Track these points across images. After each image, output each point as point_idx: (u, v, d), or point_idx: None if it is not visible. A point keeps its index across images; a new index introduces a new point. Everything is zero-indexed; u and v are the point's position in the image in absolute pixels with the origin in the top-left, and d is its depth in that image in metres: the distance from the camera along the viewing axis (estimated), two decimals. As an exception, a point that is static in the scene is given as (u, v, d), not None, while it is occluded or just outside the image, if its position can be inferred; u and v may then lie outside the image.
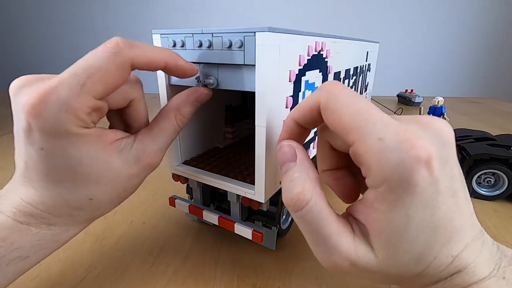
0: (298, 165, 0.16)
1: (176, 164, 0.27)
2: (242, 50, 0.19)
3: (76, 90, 0.15)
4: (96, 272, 0.25)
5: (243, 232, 0.25)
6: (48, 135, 0.16)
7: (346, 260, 0.14)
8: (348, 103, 0.14)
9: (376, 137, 0.13)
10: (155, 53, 0.18)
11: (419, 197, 0.13)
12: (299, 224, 0.16)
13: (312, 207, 0.15)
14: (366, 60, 0.48)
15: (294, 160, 0.16)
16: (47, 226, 0.18)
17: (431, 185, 0.13)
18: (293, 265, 0.25)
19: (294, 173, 0.15)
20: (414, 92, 0.97)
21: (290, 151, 0.16)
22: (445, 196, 0.14)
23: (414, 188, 0.13)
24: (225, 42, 0.19)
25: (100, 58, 0.16)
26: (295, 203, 0.15)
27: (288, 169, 0.16)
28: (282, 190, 0.16)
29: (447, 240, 0.14)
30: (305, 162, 0.16)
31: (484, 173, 0.37)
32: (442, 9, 1.35)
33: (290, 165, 0.16)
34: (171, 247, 0.28)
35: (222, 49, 0.20)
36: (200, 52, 0.21)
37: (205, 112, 0.28)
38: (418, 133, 0.13)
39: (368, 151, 0.13)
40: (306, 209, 0.15)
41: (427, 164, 0.12)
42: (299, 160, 0.16)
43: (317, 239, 0.15)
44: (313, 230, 0.15)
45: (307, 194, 0.15)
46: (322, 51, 0.26)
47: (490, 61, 1.42)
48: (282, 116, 0.22)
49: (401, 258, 0.14)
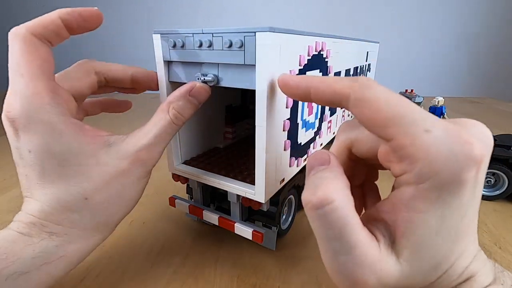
0: (330, 168, 0.14)
1: (176, 164, 0.27)
2: (242, 50, 0.19)
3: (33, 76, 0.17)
4: (96, 272, 0.24)
5: (243, 232, 0.25)
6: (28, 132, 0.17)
7: (373, 275, 0.13)
8: (386, 94, 0.13)
9: (422, 128, 0.12)
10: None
11: (461, 197, 0.12)
12: (319, 227, 0.13)
13: (337, 208, 0.13)
14: (366, 60, 0.48)
15: (326, 164, 0.15)
16: (48, 236, 0.18)
17: (474, 187, 0.12)
18: (293, 265, 0.25)
19: (324, 173, 0.14)
20: (414, 92, 0.97)
21: (324, 157, 0.15)
22: (475, 201, 0.13)
23: (460, 187, 0.12)
24: (226, 42, 0.19)
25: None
26: (318, 200, 0.13)
27: (317, 171, 0.14)
28: (305, 189, 0.14)
29: (463, 249, 0.14)
30: (338, 167, 0.15)
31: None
32: (442, 9, 1.35)
33: (320, 168, 0.14)
34: (171, 247, 0.28)
35: (222, 49, 0.20)
36: (200, 52, 0.21)
37: (205, 112, 0.28)
38: (467, 131, 0.12)
39: (415, 143, 0.12)
40: (330, 208, 0.13)
41: (478, 164, 0.12)
42: (332, 164, 0.15)
43: (339, 248, 0.13)
44: (336, 236, 0.13)
45: (334, 193, 0.13)
46: (322, 51, 0.26)
47: (490, 61, 1.42)
48: (282, 116, 0.22)
49: (424, 265, 0.13)
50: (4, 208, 0.34)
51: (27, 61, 0.17)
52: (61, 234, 0.18)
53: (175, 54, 0.22)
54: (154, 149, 0.20)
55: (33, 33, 0.18)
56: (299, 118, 0.25)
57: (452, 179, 0.12)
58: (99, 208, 0.19)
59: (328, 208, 0.13)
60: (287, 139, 0.23)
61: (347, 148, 0.17)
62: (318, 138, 0.31)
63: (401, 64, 1.45)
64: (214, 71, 0.21)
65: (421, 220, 0.13)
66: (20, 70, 0.17)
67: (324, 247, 0.14)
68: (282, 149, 0.23)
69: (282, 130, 0.22)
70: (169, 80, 0.24)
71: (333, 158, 0.15)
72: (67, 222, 0.18)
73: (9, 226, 0.18)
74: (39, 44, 0.18)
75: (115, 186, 0.19)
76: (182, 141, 0.27)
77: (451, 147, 0.11)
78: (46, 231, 0.18)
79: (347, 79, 0.14)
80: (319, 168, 0.15)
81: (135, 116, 0.79)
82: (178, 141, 0.26)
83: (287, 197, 0.27)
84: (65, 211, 0.18)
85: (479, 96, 1.27)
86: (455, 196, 0.12)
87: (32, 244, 0.17)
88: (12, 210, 0.30)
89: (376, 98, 0.13)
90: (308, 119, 0.27)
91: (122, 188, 0.20)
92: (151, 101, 1.01)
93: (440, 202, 0.12)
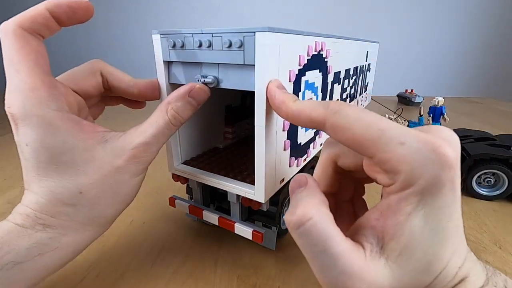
0: (307, 189, 0.15)
1: (176, 164, 0.27)
2: (242, 50, 0.19)
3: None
4: (96, 272, 0.25)
5: (243, 232, 0.25)
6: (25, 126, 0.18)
7: (363, 282, 0.13)
8: (358, 117, 0.14)
9: (397, 142, 0.13)
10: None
11: (443, 198, 0.13)
12: (303, 245, 0.14)
13: (316, 223, 0.13)
14: (366, 60, 0.48)
15: (304, 186, 0.15)
16: (43, 228, 0.18)
17: (453, 188, 0.13)
18: (293, 265, 0.25)
19: (302, 194, 0.15)
20: (414, 92, 0.97)
21: (302, 179, 0.16)
22: (457, 203, 0.14)
23: (440, 189, 0.13)
24: (225, 42, 0.19)
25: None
26: (297, 219, 0.14)
27: (296, 193, 0.15)
28: (286, 213, 0.15)
29: (454, 249, 0.14)
30: (314, 187, 0.15)
31: (484, 173, 0.37)
32: (442, 9, 1.35)
33: (299, 190, 0.15)
34: (171, 247, 0.28)
35: (222, 49, 0.20)
36: (200, 52, 0.21)
37: (205, 112, 0.28)
38: (437, 136, 0.13)
39: (394, 157, 0.13)
40: (309, 224, 0.13)
41: (452, 166, 0.13)
42: (309, 185, 0.15)
43: (326, 263, 0.13)
44: (320, 251, 0.13)
45: (312, 210, 0.14)
46: (322, 51, 0.26)
47: (490, 61, 1.42)
48: (282, 116, 0.22)
49: (416, 266, 0.14)
50: (4, 208, 0.34)
51: (21, 56, 0.17)
52: (55, 226, 0.18)
53: (174, 54, 0.22)
54: (150, 148, 0.20)
55: (22, 27, 0.17)
56: (299, 118, 0.25)
57: (432, 182, 0.13)
58: (94, 203, 0.19)
59: (308, 224, 0.13)
60: (287, 139, 0.23)
61: (333, 162, 0.18)
62: (318, 138, 0.31)
63: (401, 64, 1.45)
64: (214, 73, 0.21)
65: (408, 222, 0.13)
66: (15, 65, 0.17)
67: (313, 263, 0.14)
68: (282, 149, 0.23)
69: (282, 130, 0.22)
70: (169, 82, 0.24)
71: (310, 179, 0.16)
72: (62, 215, 0.18)
73: (7, 218, 0.18)
74: (30, 37, 0.18)
75: (110, 182, 0.19)
76: (182, 141, 0.27)
77: (426, 154, 0.12)
78: (41, 223, 0.18)
79: (321, 106, 0.15)
80: (298, 190, 0.15)
81: (135, 116, 0.79)
82: (178, 141, 0.26)
83: (287, 197, 0.27)
84: (60, 205, 0.18)
85: (479, 96, 1.27)
86: (437, 197, 0.13)
87: (26, 235, 0.17)
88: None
89: (348, 122, 0.14)
90: (308, 119, 0.27)
91: (117, 184, 0.20)
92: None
93: (423, 204, 0.13)
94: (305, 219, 0.13)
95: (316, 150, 0.32)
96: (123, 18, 1.44)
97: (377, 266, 0.13)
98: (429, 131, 0.14)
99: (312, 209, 0.14)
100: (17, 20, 0.17)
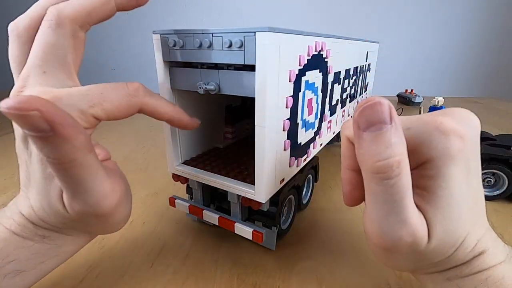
0: (395, 129, 0.13)
1: (176, 164, 0.27)
2: (242, 50, 0.19)
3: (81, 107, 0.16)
4: (96, 272, 0.25)
5: (243, 232, 0.25)
6: None
7: (412, 236, 0.14)
8: None
9: (404, 128, 0.14)
10: (164, 108, 0.19)
11: (456, 168, 0.14)
12: (382, 192, 0.14)
13: (406, 172, 0.13)
14: (366, 60, 0.48)
15: (390, 122, 0.13)
16: (41, 239, 0.18)
17: (464, 160, 0.14)
18: (293, 265, 0.25)
19: (392, 138, 0.13)
20: (414, 92, 0.97)
21: (386, 111, 0.13)
22: (473, 175, 0.15)
23: (452, 160, 0.14)
24: (225, 42, 0.19)
25: (119, 95, 0.17)
26: (395, 169, 0.13)
27: (381, 131, 0.13)
28: (364, 153, 0.14)
29: (474, 221, 0.15)
30: (401, 127, 0.14)
31: (484, 173, 0.37)
32: (442, 9, 1.35)
33: (385, 127, 0.13)
34: (171, 247, 0.28)
35: (222, 49, 0.20)
36: (200, 52, 0.21)
37: (205, 112, 0.28)
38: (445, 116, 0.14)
39: None
40: (402, 175, 0.13)
41: (458, 134, 0.14)
42: (396, 123, 0.13)
43: (391, 209, 0.14)
44: (394, 199, 0.14)
45: (405, 161, 0.13)
46: (322, 51, 0.26)
47: (490, 61, 1.42)
48: (282, 116, 0.22)
49: (446, 234, 0.15)
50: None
51: None
52: (52, 238, 0.18)
53: (175, 54, 0.22)
54: None
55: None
56: (299, 118, 0.25)
57: (442, 153, 0.14)
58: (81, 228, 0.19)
59: (399, 177, 0.13)
60: (287, 139, 0.23)
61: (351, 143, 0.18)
62: (318, 138, 0.31)
63: (401, 64, 1.45)
64: (215, 78, 0.21)
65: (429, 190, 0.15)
66: None
67: (379, 208, 0.14)
68: (282, 149, 0.23)
69: (282, 130, 0.22)
70: (172, 87, 0.24)
71: (395, 114, 0.14)
72: (59, 223, 0.18)
73: (1, 221, 0.18)
74: None
75: None
76: (182, 141, 0.27)
77: (431, 132, 0.14)
78: (39, 234, 0.18)
79: None
80: (382, 126, 0.13)
81: (134, 116, 0.79)
82: (178, 141, 0.26)
83: (287, 197, 0.27)
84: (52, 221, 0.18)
85: (479, 96, 1.27)
86: (451, 167, 0.14)
87: (26, 246, 0.17)
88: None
89: None
90: (308, 119, 0.27)
91: None
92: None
93: (438, 175, 0.14)
94: (399, 172, 0.13)
95: (316, 150, 0.32)
96: (123, 18, 1.44)
97: (424, 225, 0.15)
98: (444, 113, 0.15)
99: (406, 160, 0.14)
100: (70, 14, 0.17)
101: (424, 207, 0.15)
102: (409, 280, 0.24)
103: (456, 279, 0.16)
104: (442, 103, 0.64)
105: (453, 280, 0.16)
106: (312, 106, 0.27)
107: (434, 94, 0.82)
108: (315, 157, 0.33)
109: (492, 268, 0.15)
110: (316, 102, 0.28)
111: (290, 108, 0.22)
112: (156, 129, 0.66)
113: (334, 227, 0.31)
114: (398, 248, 0.15)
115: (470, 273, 0.15)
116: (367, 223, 0.16)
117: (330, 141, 0.38)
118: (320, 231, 0.30)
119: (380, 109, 0.13)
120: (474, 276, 0.15)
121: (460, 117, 0.15)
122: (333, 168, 0.46)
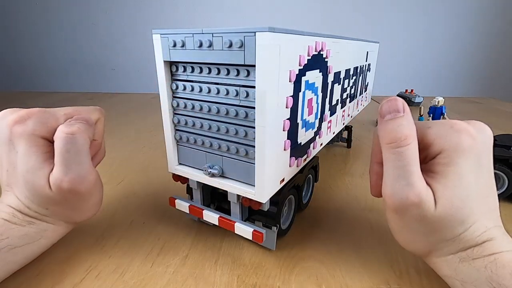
0: (406, 116, 0.19)
1: (176, 164, 0.27)
2: (242, 50, 0.19)
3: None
4: (96, 272, 0.24)
5: (243, 232, 0.25)
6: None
7: (418, 197, 0.18)
8: None
9: (426, 127, 0.19)
10: None
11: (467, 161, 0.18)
12: (394, 159, 0.18)
13: (413, 146, 0.18)
14: (366, 60, 0.48)
15: (402, 112, 0.19)
16: (28, 224, 0.22)
17: (476, 155, 0.18)
18: (293, 265, 0.25)
19: (403, 121, 0.19)
20: (414, 92, 0.97)
21: (400, 104, 0.19)
22: (484, 171, 0.19)
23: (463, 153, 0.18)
24: (226, 42, 0.19)
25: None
26: (402, 140, 0.18)
27: (395, 117, 0.19)
28: (383, 131, 0.19)
29: (484, 211, 0.18)
30: (410, 116, 0.19)
31: (484, 173, 0.37)
32: (442, 9, 1.35)
33: (398, 114, 0.19)
34: (171, 247, 0.28)
35: (222, 49, 0.20)
36: (200, 52, 0.21)
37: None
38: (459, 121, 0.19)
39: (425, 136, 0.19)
40: (409, 147, 0.18)
41: (469, 133, 0.18)
42: (407, 113, 0.19)
43: (401, 174, 0.18)
44: (404, 165, 0.18)
45: (413, 136, 0.18)
46: (322, 51, 0.26)
47: (490, 61, 1.42)
48: (282, 116, 0.22)
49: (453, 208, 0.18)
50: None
51: None
52: (37, 223, 0.23)
53: (175, 54, 0.22)
54: None
55: None
56: (299, 118, 0.25)
57: (455, 147, 0.18)
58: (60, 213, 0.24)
59: (408, 147, 0.18)
60: (287, 139, 0.23)
61: None
62: (318, 138, 0.31)
63: (401, 64, 1.45)
64: (219, 162, 0.24)
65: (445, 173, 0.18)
66: None
67: (391, 174, 0.19)
68: (282, 149, 0.23)
69: (282, 130, 0.22)
70: (179, 162, 0.26)
71: (407, 107, 0.19)
72: (39, 216, 0.23)
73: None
74: None
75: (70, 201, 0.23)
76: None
77: (446, 130, 0.19)
78: (27, 220, 0.22)
79: None
80: (397, 114, 0.19)
81: (135, 116, 0.79)
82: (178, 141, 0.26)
83: (287, 197, 0.27)
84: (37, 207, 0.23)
85: (479, 96, 1.27)
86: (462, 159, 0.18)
87: (17, 229, 0.22)
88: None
89: None
90: (308, 119, 0.27)
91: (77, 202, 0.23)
92: (150, 100, 1.01)
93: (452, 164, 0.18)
94: (408, 142, 0.18)
95: (316, 150, 0.32)
96: (123, 18, 1.44)
97: (430, 194, 0.18)
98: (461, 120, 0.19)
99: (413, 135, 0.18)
100: None
101: (434, 185, 0.18)
102: (409, 280, 0.24)
103: (468, 260, 0.19)
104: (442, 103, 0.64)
105: (465, 261, 0.19)
106: (312, 106, 0.27)
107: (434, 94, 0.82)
108: (315, 157, 0.33)
109: (500, 253, 0.18)
110: (316, 102, 0.28)
111: (290, 108, 0.22)
112: (157, 129, 0.66)
113: (334, 227, 0.31)
114: (406, 207, 0.18)
115: (480, 255, 0.18)
116: (383, 188, 0.20)
117: (330, 141, 0.38)
118: (320, 231, 0.30)
119: (395, 103, 0.19)
120: (484, 258, 0.18)
121: (473, 124, 0.19)
122: (333, 168, 0.46)
